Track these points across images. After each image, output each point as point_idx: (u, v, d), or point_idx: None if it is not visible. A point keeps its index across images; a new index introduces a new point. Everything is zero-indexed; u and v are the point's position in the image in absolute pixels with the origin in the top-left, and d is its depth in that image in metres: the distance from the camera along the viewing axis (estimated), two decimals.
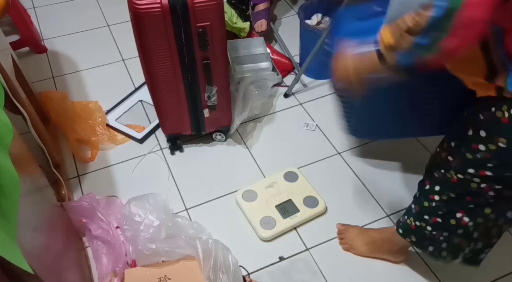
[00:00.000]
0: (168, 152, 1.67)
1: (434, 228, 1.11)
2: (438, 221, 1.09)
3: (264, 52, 1.91)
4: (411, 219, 1.16)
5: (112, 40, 2.15)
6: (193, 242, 1.23)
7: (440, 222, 1.09)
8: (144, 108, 1.83)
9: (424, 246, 1.18)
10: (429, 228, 1.12)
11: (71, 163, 1.63)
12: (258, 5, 2.11)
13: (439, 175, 1.06)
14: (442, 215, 1.08)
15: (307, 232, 1.44)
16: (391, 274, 1.34)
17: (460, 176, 0.99)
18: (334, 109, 1.47)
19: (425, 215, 1.11)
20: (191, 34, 1.28)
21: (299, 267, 1.36)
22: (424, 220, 1.12)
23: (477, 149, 0.93)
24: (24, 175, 0.91)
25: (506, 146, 0.87)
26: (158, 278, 1.22)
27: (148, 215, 1.31)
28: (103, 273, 1.28)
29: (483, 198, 0.99)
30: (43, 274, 0.84)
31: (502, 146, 0.88)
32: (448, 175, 1.02)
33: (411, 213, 1.16)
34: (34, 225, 0.93)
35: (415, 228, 1.16)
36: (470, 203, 1.02)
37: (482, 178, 0.95)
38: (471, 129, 0.94)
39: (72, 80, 1.95)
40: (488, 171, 0.93)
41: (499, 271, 1.35)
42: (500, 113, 0.86)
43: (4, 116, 0.82)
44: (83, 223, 1.37)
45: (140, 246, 1.24)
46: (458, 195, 1.02)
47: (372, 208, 1.50)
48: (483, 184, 0.96)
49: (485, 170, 0.94)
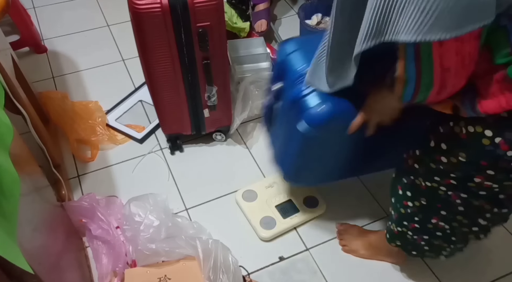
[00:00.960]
0: (168, 152, 1.67)
1: (414, 233, 1.12)
2: (416, 227, 1.10)
3: (264, 52, 1.91)
4: (393, 225, 1.17)
5: (112, 40, 2.15)
6: (193, 242, 1.23)
7: (418, 227, 1.10)
8: (144, 108, 1.83)
9: (408, 250, 1.21)
10: (410, 233, 1.13)
11: (71, 163, 1.63)
12: (258, 5, 2.11)
13: (408, 180, 1.06)
14: (418, 221, 1.09)
15: (307, 232, 1.44)
16: (391, 274, 1.34)
17: (428, 183, 0.99)
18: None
19: (404, 221, 1.12)
20: (191, 34, 1.28)
21: (299, 267, 1.36)
22: (404, 225, 1.13)
23: (440, 160, 0.92)
24: (24, 175, 0.91)
25: (466, 160, 0.87)
26: (158, 278, 1.22)
27: (148, 215, 1.31)
28: (103, 273, 1.28)
29: (452, 205, 0.98)
30: (43, 274, 0.84)
31: (463, 160, 0.87)
32: (417, 182, 1.02)
33: (393, 219, 1.17)
34: (34, 225, 0.93)
35: (398, 233, 1.17)
36: (441, 209, 1.02)
37: (448, 186, 0.95)
38: (433, 140, 0.93)
39: (72, 80, 1.95)
40: (453, 180, 0.93)
41: (499, 271, 1.35)
42: (458, 128, 0.85)
43: (4, 116, 0.82)
44: (83, 223, 1.37)
45: (140, 246, 1.24)
46: (429, 202, 1.03)
47: (372, 208, 1.50)
48: (450, 192, 0.96)
49: (449, 179, 0.93)
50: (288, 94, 1.12)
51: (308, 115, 1.06)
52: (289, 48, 1.16)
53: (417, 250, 1.18)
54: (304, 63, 1.11)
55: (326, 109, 1.05)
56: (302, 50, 1.14)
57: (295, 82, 1.10)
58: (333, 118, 1.06)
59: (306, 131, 1.08)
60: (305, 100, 1.07)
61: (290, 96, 1.11)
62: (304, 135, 1.08)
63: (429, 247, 1.14)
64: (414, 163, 1.02)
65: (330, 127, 1.07)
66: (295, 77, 1.10)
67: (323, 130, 1.08)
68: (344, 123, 1.07)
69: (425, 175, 0.99)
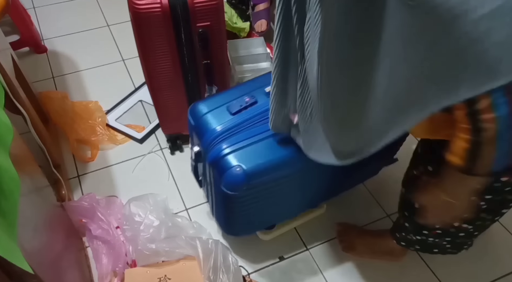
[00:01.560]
0: (168, 152, 1.67)
1: (436, 237, 1.10)
2: (438, 232, 1.08)
3: (264, 52, 1.91)
4: (410, 235, 1.15)
5: (112, 40, 2.15)
6: (193, 242, 1.23)
7: (440, 233, 1.08)
8: (144, 108, 1.83)
9: (429, 251, 1.19)
10: (431, 239, 1.11)
11: (71, 163, 1.63)
12: (258, 5, 2.10)
13: None
14: (440, 227, 1.06)
15: (307, 232, 1.43)
16: (391, 274, 1.34)
17: None
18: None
19: (423, 230, 1.10)
20: (191, 34, 1.27)
21: (299, 267, 1.36)
22: (424, 234, 1.11)
23: None
24: (24, 175, 0.90)
25: None
26: (158, 278, 1.22)
27: (148, 215, 1.31)
28: (103, 273, 1.28)
29: (476, 207, 0.96)
30: (43, 274, 0.84)
31: None
32: None
33: (408, 230, 1.14)
34: (34, 225, 0.93)
35: (417, 240, 1.15)
36: (463, 213, 0.98)
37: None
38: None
39: (72, 80, 1.95)
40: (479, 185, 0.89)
41: (499, 271, 1.35)
42: None
43: (4, 116, 0.82)
44: (83, 223, 1.37)
45: (140, 246, 1.24)
46: None
47: (372, 208, 1.50)
48: (473, 197, 0.92)
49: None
50: (207, 156, 1.12)
51: (227, 177, 1.07)
52: (200, 111, 1.16)
53: (438, 248, 1.15)
54: (218, 123, 1.12)
55: (244, 168, 1.05)
56: (213, 111, 1.15)
57: (212, 143, 1.11)
58: (255, 175, 1.06)
59: (229, 192, 1.08)
60: (224, 160, 1.07)
61: (210, 158, 1.11)
62: (229, 195, 1.09)
63: (451, 245, 1.11)
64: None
65: (253, 184, 1.08)
66: (211, 138, 1.11)
67: (245, 189, 1.08)
68: (272, 174, 1.08)
69: None
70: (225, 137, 1.09)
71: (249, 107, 1.13)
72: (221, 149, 1.08)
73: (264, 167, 1.06)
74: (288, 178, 1.12)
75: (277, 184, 1.12)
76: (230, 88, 1.26)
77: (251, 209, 1.18)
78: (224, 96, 1.17)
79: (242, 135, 1.09)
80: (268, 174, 1.07)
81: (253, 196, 1.12)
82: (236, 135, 1.09)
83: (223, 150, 1.07)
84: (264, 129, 1.09)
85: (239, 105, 1.12)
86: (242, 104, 1.12)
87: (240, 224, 1.25)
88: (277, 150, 1.07)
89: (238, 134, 1.09)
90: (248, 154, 1.06)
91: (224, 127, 1.10)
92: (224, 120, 1.11)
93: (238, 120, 1.11)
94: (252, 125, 1.10)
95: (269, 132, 1.09)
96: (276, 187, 1.13)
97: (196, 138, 1.18)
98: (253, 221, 1.27)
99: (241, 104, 1.12)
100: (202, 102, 1.17)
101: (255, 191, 1.10)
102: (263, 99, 1.14)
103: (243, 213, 1.19)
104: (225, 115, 1.12)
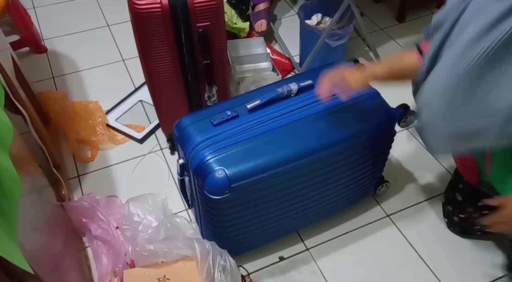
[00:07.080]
0: (168, 152, 1.67)
1: None
2: None
3: (264, 52, 1.91)
4: None
5: (112, 40, 2.15)
6: (191, 243, 1.23)
7: None
8: (144, 108, 1.83)
9: None
10: None
11: (71, 163, 1.63)
12: (258, 5, 2.11)
13: None
14: None
15: (307, 232, 1.43)
16: (391, 274, 1.34)
17: None
18: None
19: None
20: (191, 35, 1.28)
21: (299, 267, 1.36)
22: None
23: None
24: (24, 175, 0.91)
25: None
26: (157, 278, 1.22)
27: (147, 215, 1.31)
28: (103, 273, 1.28)
29: None
30: (43, 274, 0.84)
31: None
32: None
33: None
34: (34, 225, 0.93)
35: None
36: None
37: None
38: None
39: (72, 80, 1.95)
40: None
41: (499, 271, 1.35)
42: None
43: (4, 116, 0.82)
44: (83, 223, 1.37)
45: (139, 247, 1.24)
46: None
47: (372, 208, 1.50)
48: None
49: None
50: (190, 164, 1.14)
51: (209, 181, 1.08)
52: (184, 123, 1.19)
53: None
54: (200, 132, 1.14)
55: (226, 172, 1.06)
56: (196, 123, 1.17)
57: (195, 150, 1.12)
58: (237, 178, 1.07)
59: (212, 196, 1.09)
60: (206, 165, 1.09)
61: (192, 165, 1.12)
62: (213, 200, 1.10)
63: None
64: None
65: (236, 188, 1.08)
66: (193, 145, 1.13)
67: (228, 193, 1.09)
68: (254, 177, 1.08)
69: None
70: (207, 145, 1.11)
71: (230, 120, 1.16)
72: (203, 155, 1.10)
73: (246, 170, 1.08)
74: (272, 182, 1.12)
75: (261, 189, 1.13)
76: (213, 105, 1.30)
77: (239, 221, 1.19)
78: (207, 112, 1.20)
79: (224, 142, 1.11)
80: (251, 176, 1.08)
81: (237, 203, 1.13)
82: (218, 143, 1.11)
83: (205, 155, 1.09)
84: (246, 137, 1.12)
85: (221, 118, 1.16)
86: (224, 117, 1.16)
87: (231, 240, 1.25)
88: (259, 154, 1.10)
89: (220, 142, 1.11)
90: (229, 158, 1.09)
91: (206, 136, 1.13)
92: (206, 130, 1.14)
93: (220, 130, 1.14)
94: (234, 135, 1.13)
95: (251, 139, 1.11)
96: (260, 193, 1.13)
97: (180, 149, 1.20)
98: (244, 237, 1.27)
99: (223, 117, 1.16)
100: (187, 117, 1.21)
101: (238, 196, 1.11)
102: (244, 114, 1.18)
103: (230, 225, 1.20)
104: (208, 126, 1.16)
